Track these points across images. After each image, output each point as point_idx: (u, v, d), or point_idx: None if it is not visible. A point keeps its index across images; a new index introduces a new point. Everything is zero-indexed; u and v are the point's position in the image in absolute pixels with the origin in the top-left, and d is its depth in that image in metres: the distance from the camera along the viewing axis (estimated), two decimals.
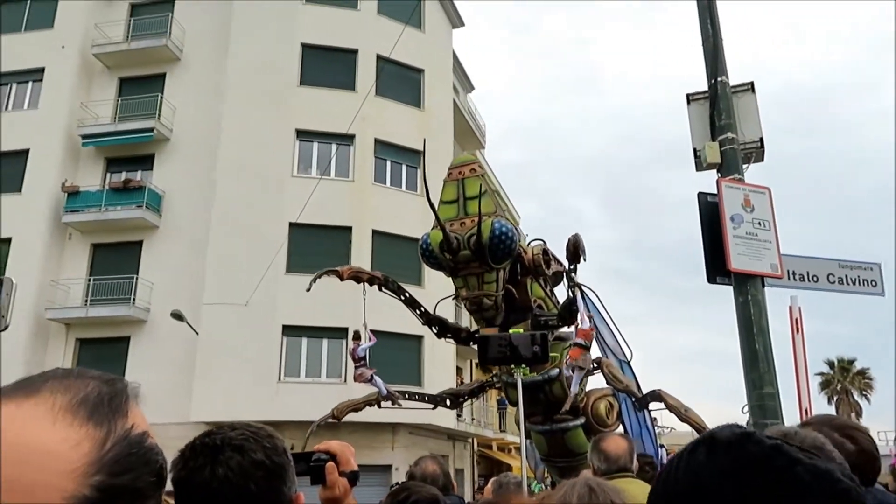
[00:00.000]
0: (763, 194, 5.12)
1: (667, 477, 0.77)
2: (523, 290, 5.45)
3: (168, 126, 22.83)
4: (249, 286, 18.90)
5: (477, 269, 5.04)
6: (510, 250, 4.98)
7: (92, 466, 0.61)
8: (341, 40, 23.07)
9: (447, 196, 5.35)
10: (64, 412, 0.63)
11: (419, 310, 5.98)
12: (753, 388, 4.74)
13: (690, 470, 0.73)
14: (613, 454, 3.47)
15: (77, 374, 0.68)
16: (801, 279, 5.40)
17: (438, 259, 5.12)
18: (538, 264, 5.38)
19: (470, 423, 24.65)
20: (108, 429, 0.64)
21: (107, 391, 0.67)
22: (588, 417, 5.79)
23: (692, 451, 0.76)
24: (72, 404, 0.64)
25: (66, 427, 0.62)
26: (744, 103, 5.41)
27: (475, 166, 5.48)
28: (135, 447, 0.66)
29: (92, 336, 21.14)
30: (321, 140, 22.17)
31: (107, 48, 23.53)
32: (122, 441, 0.65)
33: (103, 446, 0.63)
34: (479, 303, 5.06)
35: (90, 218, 21.71)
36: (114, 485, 0.62)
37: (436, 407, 6.54)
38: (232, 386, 18.68)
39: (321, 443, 1.67)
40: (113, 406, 0.66)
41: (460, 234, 4.99)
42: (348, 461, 1.64)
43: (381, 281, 5.94)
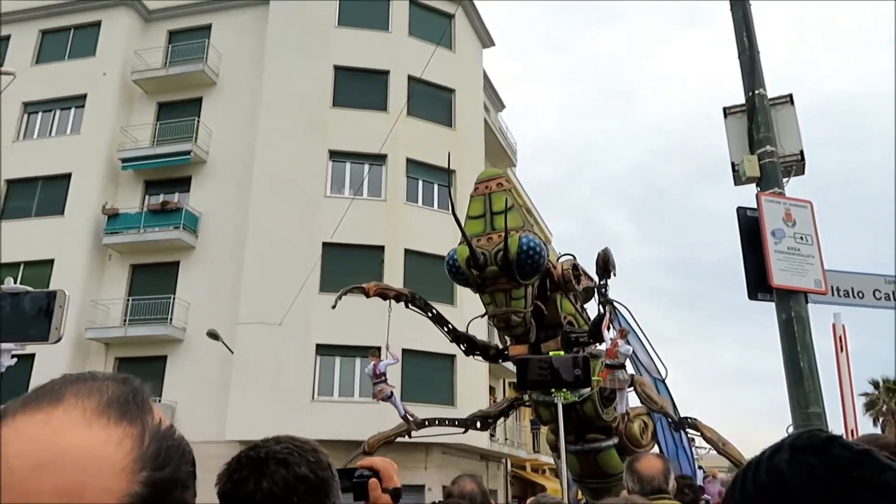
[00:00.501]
0: (805, 208, 4.99)
1: (743, 482, 0.75)
2: (553, 307, 5.34)
3: (204, 149, 23.29)
4: (283, 305, 19.06)
5: (505, 285, 4.93)
6: (538, 265, 4.87)
7: (137, 463, 0.61)
8: (373, 62, 23.37)
9: (474, 211, 5.24)
10: (97, 415, 0.62)
11: (447, 327, 5.89)
12: (799, 406, 4.59)
13: (773, 471, 0.71)
14: (647, 475, 3.37)
15: (90, 377, 0.67)
16: (846, 295, 5.24)
17: (465, 275, 5.02)
18: (568, 280, 5.26)
19: (503, 444, 24.40)
20: (141, 425, 0.64)
21: (127, 390, 0.67)
22: (622, 437, 5.66)
23: (773, 454, 0.74)
24: (101, 406, 0.63)
25: (103, 429, 0.62)
26: (782, 116, 5.30)
27: (502, 180, 5.37)
28: (168, 440, 0.66)
29: (130, 355, 21.50)
30: (354, 160, 22.39)
31: (146, 74, 24.18)
32: (156, 435, 0.65)
33: (142, 442, 0.63)
34: (507, 319, 4.95)
35: (129, 239, 22.20)
36: (160, 478, 0.63)
37: (466, 430, 6.43)
38: (266, 404, 18.80)
39: (364, 459, 1.66)
40: (138, 403, 0.66)
41: (487, 250, 4.88)
42: (391, 478, 1.63)
43: (408, 298, 5.87)
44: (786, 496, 0.69)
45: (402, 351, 19.97)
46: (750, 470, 0.75)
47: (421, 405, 18.37)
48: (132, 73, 24.33)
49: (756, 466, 0.75)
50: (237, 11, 24.98)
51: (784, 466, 0.70)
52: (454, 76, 24.29)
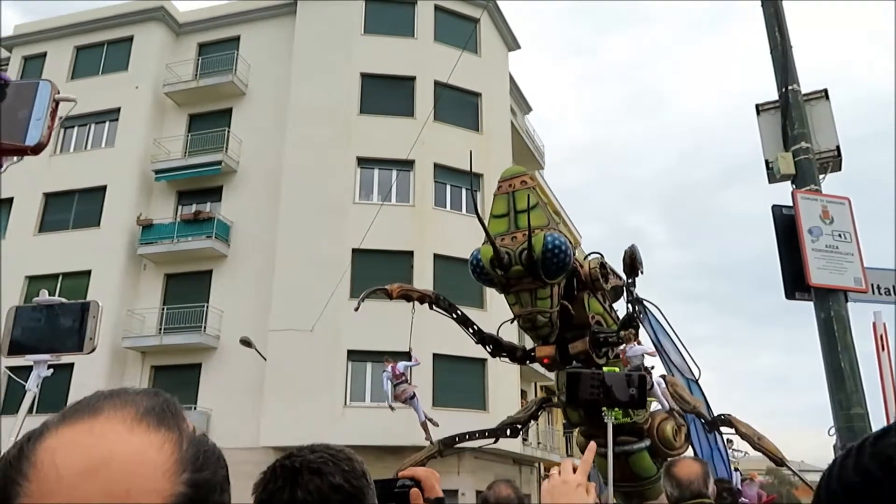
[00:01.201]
0: (843, 205, 4.87)
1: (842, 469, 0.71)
2: (580, 306, 5.18)
3: (235, 158, 23.61)
4: (315, 312, 19.20)
5: (530, 285, 4.79)
6: (564, 264, 4.72)
7: (179, 465, 0.64)
8: (399, 68, 23.47)
9: (497, 210, 5.12)
10: (136, 422, 0.65)
11: (472, 328, 5.78)
12: (840, 408, 4.48)
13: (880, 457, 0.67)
14: (686, 479, 3.30)
15: (123, 392, 0.70)
16: (888, 293, 5.10)
17: (489, 275, 4.91)
18: (595, 278, 5.10)
19: (536, 448, 24.26)
20: (178, 431, 0.67)
21: (161, 401, 0.70)
22: (654, 440, 5.50)
23: (877, 440, 0.70)
24: (139, 415, 0.66)
25: (144, 434, 0.64)
26: (817, 111, 5.19)
27: (526, 178, 5.21)
28: (204, 445, 0.69)
29: (166, 363, 21.84)
30: (382, 167, 22.49)
31: (177, 86, 24.61)
32: (193, 440, 0.68)
33: (181, 446, 0.65)
34: (533, 320, 4.84)
35: (163, 249, 22.57)
36: (200, 480, 0.65)
37: (497, 440, 6.33)
38: (299, 411, 18.94)
39: (406, 469, 1.64)
40: (173, 411, 0.69)
41: (511, 249, 4.75)
42: (433, 487, 1.61)
43: (432, 299, 5.74)
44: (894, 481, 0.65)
45: (433, 356, 20.03)
46: (850, 457, 0.72)
47: (452, 410, 18.35)
48: (164, 86, 24.79)
49: (857, 453, 0.71)
50: (265, 22, 25.30)
51: (892, 451, 0.67)
52: (480, 80, 24.28)
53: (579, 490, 1.47)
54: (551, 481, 1.51)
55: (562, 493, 1.47)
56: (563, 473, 1.51)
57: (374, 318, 17.64)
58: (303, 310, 19.76)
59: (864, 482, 0.67)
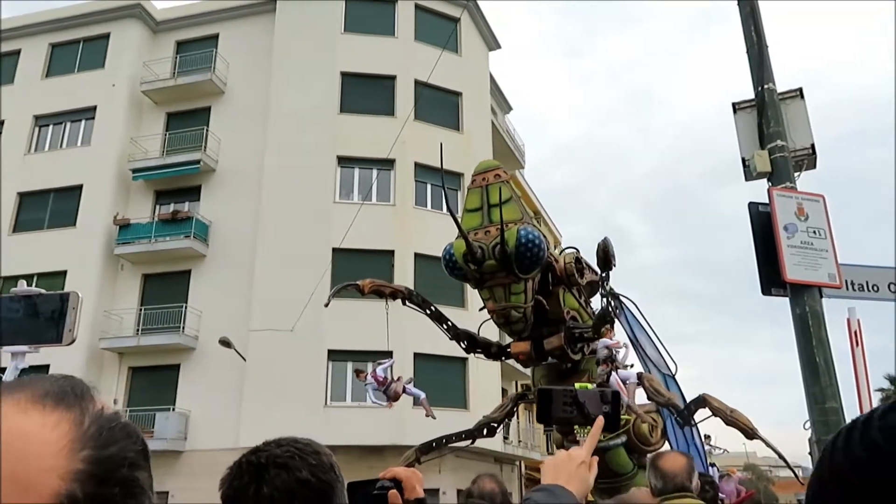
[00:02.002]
0: (817, 202, 4.95)
1: (847, 442, 0.70)
2: (555, 301, 5.13)
3: (213, 157, 23.41)
4: (295, 312, 19.10)
5: (503, 280, 4.73)
6: (538, 258, 4.65)
7: (77, 442, 0.62)
8: (379, 67, 23.43)
9: (471, 204, 5.06)
10: (31, 404, 0.63)
11: (446, 324, 5.71)
12: (815, 402, 4.55)
13: (888, 430, 0.66)
14: (670, 472, 3.32)
15: (29, 380, 0.69)
16: (861, 289, 5.19)
17: (463, 270, 4.83)
18: (570, 273, 5.05)
19: (517, 446, 24.33)
20: (80, 410, 0.65)
21: (66, 383, 0.68)
22: (630, 436, 5.49)
23: (885, 413, 0.69)
24: (36, 397, 0.64)
25: (37, 415, 0.63)
26: (793, 110, 5.27)
27: (500, 172, 5.15)
28: (113, 422, 0.67)
29: (144, 364, 21.60)
30: (362, 166, 22.44)
31: (155, 84, 24.35)
32: (98, 418, 0.65)
33: (82, 424, 0.64)
34: (507, 315, 4.77)
35: (141, 249, 22.32)
36: (104, 456, 0.63)
37: (474, 441, 6.26)
38: (280, 411, 18.83)
39: (387, 469, 1.63)
40: (77, 393, 0.67)
41: (485, 243, 4.69)
42: (413, 488, 1.60)
43: (405, 295, 5.66)
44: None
45: (414, 355, 20.01)
46: (856, 430, 0.70)
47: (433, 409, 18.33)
48: (141, 84, 24.51)
49: (864, 427, 0.70)
50: (244, 21, 25.11)
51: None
52: (461, 80, 24.30)
53: (582, 468, 1.47)
54: (557, 456, 1.51)
55: (565, 468, 1.47)
56: (571, 450, 1.52)
57: (354, 317, 17.62)
58: (283, 310, 19.65)
59: (871, 456, 0.66)
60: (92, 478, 0.61)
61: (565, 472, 1.44)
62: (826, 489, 0.71)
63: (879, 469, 0.65)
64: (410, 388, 11.26)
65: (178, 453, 19.76)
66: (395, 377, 10.68)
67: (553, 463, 1.49)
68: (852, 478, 0.67)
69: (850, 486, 0.67)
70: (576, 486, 1.41)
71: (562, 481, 1.41)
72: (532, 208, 33.55)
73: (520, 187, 32.10)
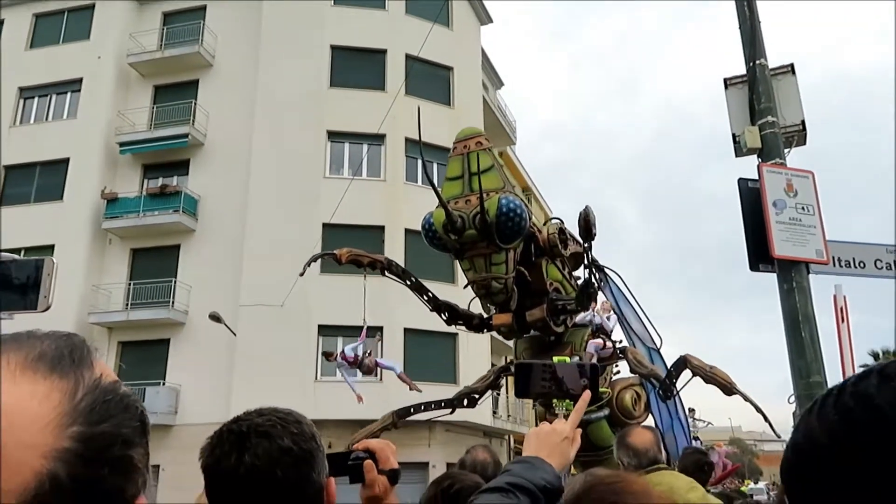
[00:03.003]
0: (806, 178, 4.97)
1: (822, 408, 0.70)
2: (538, 273, 4.99)
3: (202, 131, 23.17)
4: (285, 287, 19.07)
5: (484, 250, 4.60)
6: (519, 228, 4.53)
7: (66, 417, 0.57)
8: (370, 41, 23.17)
9: (452, 172, 4.89)
10: (22, 369, 0.59)
11: (426, 296, 5.60)
12: (800, 377, 4.61)
13: (860, 396, 0.67)
14: (642, 447, 3.35)
15: (30, 335, 0.64)
16: (848, 265, 5.23)
17: (443, 240, 4.70)
18: (553, 244, 4.92)
19: (506, 420, 24.56)
20: (75, 379, 0.60)
21: (65, 345, 0.63)
22: (613, 409, 5.42)
23: (858, 380, 0.70)
24: (29, 360, 0.59)
25: (28, 383, 0.58)
26: (784, 86, 5.26)
27: (482, 139, 4.98)
28: (109, 394, 0.62)
29: (133, 339, 21.57)
30: (352, 141, 22.29)
31: (141, 57, 23.98)
32: (93, 389, 0.61)
33: (74, 396, 0.59)
34: (488, 286, 4.64)
35: (129, 224, 22.16)
36: (95, 433, 0.58)
37: (453, 411, 6.17)
38: (270, 386, 18.87)
39: (360, 441, 1.64)
40: (75, 358, 0.62)
41: (465, 213, 4.54)
42: (388, 459, 1.60)
43: (384, 265, 5.53)
44: (875, 420, 0.65)
45: (404, 330, 20.08)
46: (830, 396, 0.71)
47: (423, 384, 18.37)
48: (127, 56, 24.13)
49: (838, 393, 0.70)
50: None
51: (873, 391, 0.66)
52: (452, 54, 24.09)
53: (565, 443, 1.48)
54: (540, 428, 1.52)
55: (547, 440, 1.47)
56: (555, 423, 1.52)
57: (344, 293, 17.61)
58: (273, 285, 19.61)
59: (842, 420, 0.67)
60: (79, 457, 0.57)
61: (547, 446, 1.45)
62: (800, 453, 0.72)
63: (850, 434, 0.66)
64: (383, 362, 11.20)
65: (169, 427, 19.82)
66: (367, 352, 10.55)
67: (536, 434, 1.50)
68: (824, 441, 0.68)
69: (823, 450, 0.68)
70: (556, 459, 1.42)
71: (543, 454, 1.42)
72: (522, 185, 33.48)
73: (511, 164, 32.02)
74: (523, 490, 1.31)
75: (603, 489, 1.09)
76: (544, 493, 1.32)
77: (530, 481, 1.32)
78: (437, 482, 2.56)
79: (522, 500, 1.29)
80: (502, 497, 1.29)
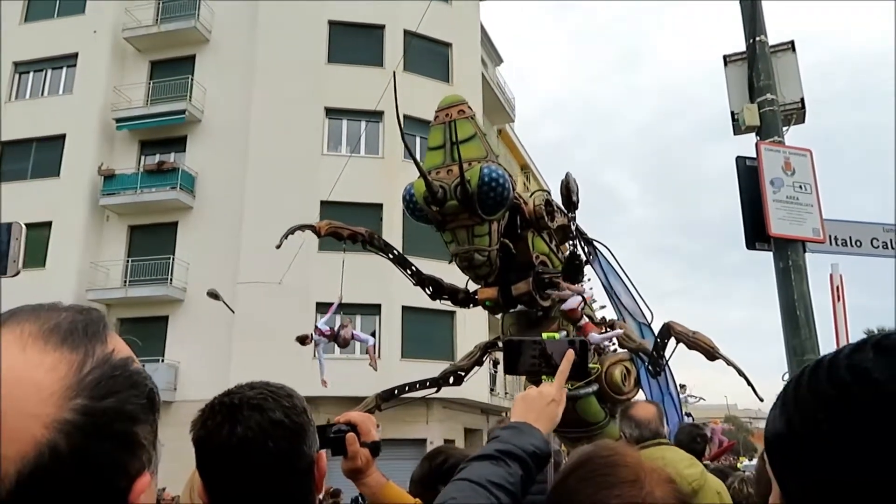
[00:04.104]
0: (804, 157, 4.95)
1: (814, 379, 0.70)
2: (524, 246, 4.84)
3: (199, 107, 23.02)
4: (283, 265, 19.08)
5: (466, 221, 4.44)
6: (502, 198, 4.36)
7: (70, 390, 0.58)
8: (368, 16, 22.93)
9: (433, 142, 4.77)
10: (34, 339, 0.60)
11: (410, 269, 5.47)
12: (795, 355, 4.63)
13: (855, 369, 0.67)
14: (644, 419, 3.37)
15: (48, 307, 0.65)
16: (844, 244, 5.24)
17: (424, 211, 4.58)
18: (540, 216, 4.74)
19: (503, 398, 24.73)
20: (84, 352, 0.61)
21: (80, 319, 0.64)
22: (602, 384, 5.25)
23: (853, 352, 0.69)
24: (42, 331, 0.60)
25: (37, 353, 0.59)
26: (783, 63, 5.22)
27: (464, 107, 4.84)
28: (118, 370, 0.63)
29: (132, 316, 21.61)
30: (350, 118, 22.16)
31: (137, 31, 23.74)
32: (102, 364, 0.61)
33: (81, 369, 0.60)
34: (470, 258, 4.48)
35: (126, 200, 22.10)
36: (98, 408, 0.59)
37: (439, 389, 6.02)
38: (268, 362, 18.93)
39: (342, 414, 1.64)
40: (89, 332, 0.63)
41: (446, 183, 4.39)
42: (369, 431, 1.61)
43: (365, 237, 5.40)
44: (872, 393, 0.64)
45: (402, 308, 20.13)
46: (821, 368, 0.71)
47: (421, 361, 18.54)
48: (123, 31, 23.88)
49: (830, 365, 0.70)
50: None
51: (869, 364, 0.66)
52: (451, 30, 23.86)
53: (552, 405, 1.48)
54: (527, 392, 1.52)
55: (534, 405, 1.48)
56: (541, 387, 1.53)
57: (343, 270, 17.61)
58: (271, 262, 19.58)
59: (839, 394, 0.67)
60: (80, 430, 0.57)
61: (534, 410, 1.45)
62: (791, 423, 0.71)
63: (847, 407, 0.66)
64: (359, 334, 11.16)
65: (168, 403, 19.92)
66: (343, 323, 10.47)
67: (523, 399, 1.50)
68: (817, 413, 0.68)
69: (816, 422, 0.68)
70: (544, 423, 1.43)
71: (531, 419, 1.42)
72: (521, 163, 33.37)
73: (510, 142, 31.87)
74: (513, 457, 1.30)
75: (598, 462, 1.10)
76: (533, 458, 1.32)
77: (520, 447, 1.32)
78: (430, 458, 2.58)
79: (513, 466, 1.29)
80: (492, 465, 1.29)
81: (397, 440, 17.69)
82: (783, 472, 0.73)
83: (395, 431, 17.58)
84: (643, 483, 1.03)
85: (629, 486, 1.03)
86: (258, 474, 1.23)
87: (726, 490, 3.47)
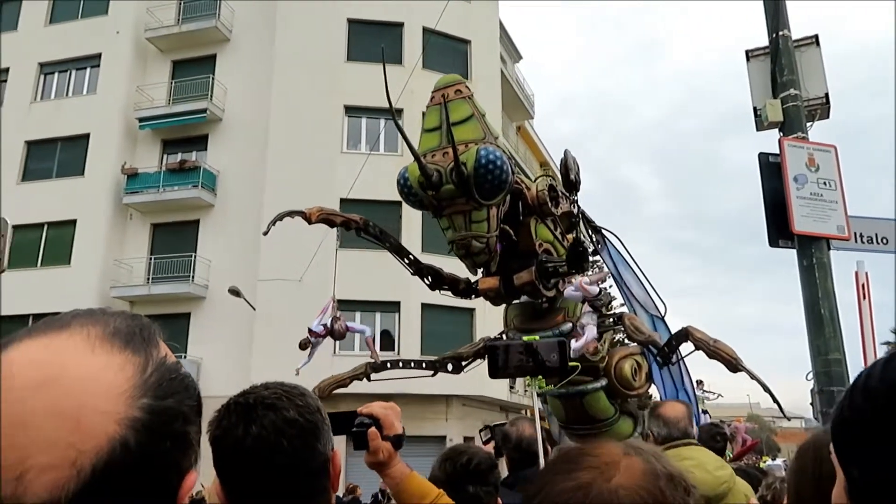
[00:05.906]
0: (829, 153, 4.88)
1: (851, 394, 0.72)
2: (526, 233, 4.58)
3: (220, 106, 23.21)
4: (303, 262, 19.20)
5: (463, 207, 4.19)
6: (500, 182, 4.11)
7: (138, 389, 0.62)
8: (387, 14, 22.96)
9: (429, 123, 4.51)
10: (101, 341, 0.63)
11: (407, 258, 5.21)
12: (819, 354, 4.57)
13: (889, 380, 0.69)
14: (673, 418, 3.32)
15: (100, 312, 0.68)
16: (870, 241, 5.15)
17: (419, 196, 4.33)
18: (543, 202, 4.47)
19: (523, 395, 24.67)
20: (145, 355, 0.64)
21: (136, 324, 0.68)
22: (611, 379, 4.96)
23: (887, 363, 0.71)
24: (106, 334, 0.64)
25: (105, 354, 0.62)
26: (807, 58, 5.15)
27: (461, 87, 4.57)
28: (173, 373, 0.66)
29: (155, 312, 21.85)
30: (370, 115, 22.21)
31: (159, 31, 23.99)
32: (161, 367, 0.65)
33: (145, 371, 0.63)
34: (468, 245, 4.23)
35: (149, 199, 22.36)
36: (161, 407, 0.63)
37: (435, 373, 5.73)
38: (289, 360, 19.02)
39: (365, 405, 1.64)
40: (145, 336, 0.67)
41: (442, 166, 4.16)
42: (392, 424, 1.61)
43: (359, 225, 5.15)
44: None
45: (421, 305, 20.15)
46: (894, 361, 0.73)
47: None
48: (145, 31, 24.15)
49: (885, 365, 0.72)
50: None
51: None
52: (470, 27, 23.81)
53: None
54: None
55: None
56: None
57: (362, 268, 17.70)
58: (291, 260, 19.75)
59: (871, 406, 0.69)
60: (147, 428, 0.60)
61: None
62: (862, 413, 0.73)
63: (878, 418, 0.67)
64: (353, 325, 11.09)
65: None
66: (335, 317, 10.39)
67: None
68: (870, 417, 0.69)
69: (869, 425, 0.69)
70: None
71: None
72: (541, 160, 33.25)
73: (529, 138, 31.77)
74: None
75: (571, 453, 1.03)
76: None
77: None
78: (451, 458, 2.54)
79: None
80: None
81: (416, 437, 17.72)
82: (849, 460, 0.75)
83: (414, 429, 17.60)
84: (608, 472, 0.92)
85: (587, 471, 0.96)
86: (273, 472, 1.24)
87: (753, 492, 3.41)
